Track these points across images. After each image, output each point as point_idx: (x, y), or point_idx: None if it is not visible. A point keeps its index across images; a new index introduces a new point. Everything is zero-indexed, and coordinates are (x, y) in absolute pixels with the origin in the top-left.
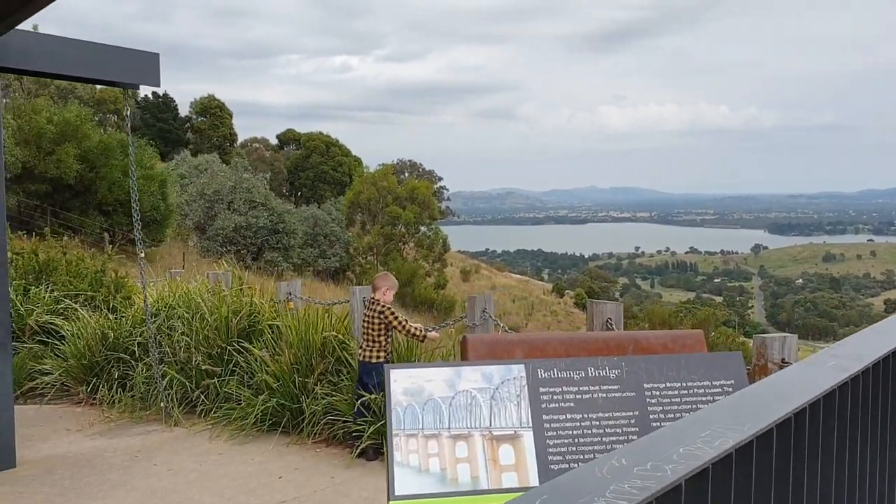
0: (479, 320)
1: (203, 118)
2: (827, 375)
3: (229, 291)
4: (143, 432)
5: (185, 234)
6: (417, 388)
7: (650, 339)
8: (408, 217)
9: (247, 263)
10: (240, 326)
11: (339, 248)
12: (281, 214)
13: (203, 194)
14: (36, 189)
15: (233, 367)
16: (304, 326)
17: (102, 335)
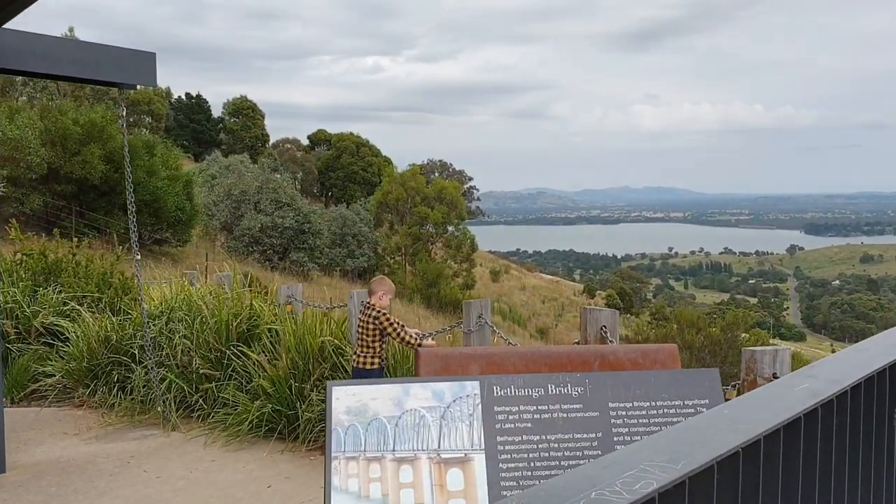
0: (475, 326)
1: (235, 119)
2: (794, 400)
3: (230, 294)
4: (139, 437)
5: (212, 234)
6: (361, 407)
7: (618, 354)
8: (436, 217)
9: (273, 263)
10: (239, 330)
11: (367, 249)
12: (307, 215)
13: (230, 194)
14: (62, 189)
15: (231, 372)
16: (302, 331)
17: (105, 337)
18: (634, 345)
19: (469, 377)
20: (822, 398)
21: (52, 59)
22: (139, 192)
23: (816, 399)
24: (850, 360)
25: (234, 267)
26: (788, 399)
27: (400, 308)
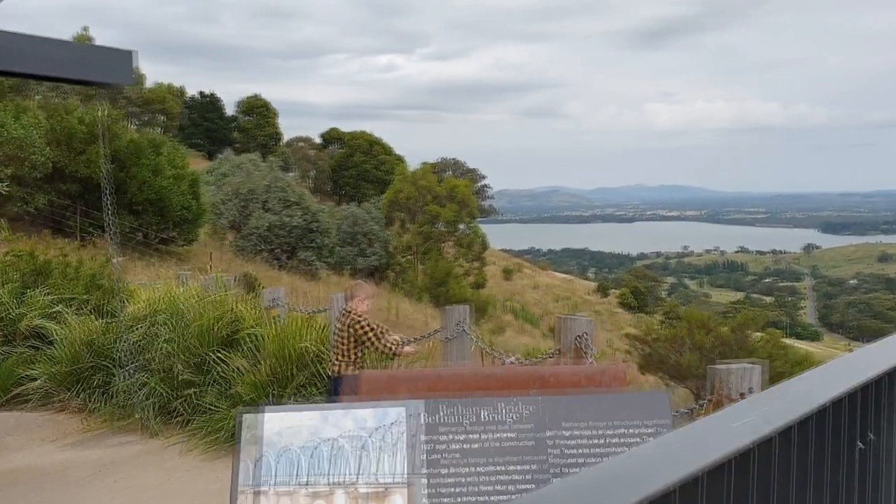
0: (454, 333)
1: (248, 117)
2: (736, 434)
3: (213, 297)
4: (117, 444)
5: (221, 233)
6: (273, 436)
7: (562, 375)
8: (447, 216)
9: (281, 262)
10: (221, 334)
11: (378, 247)
12: (315, 213)
13: (238, 193)
14: (67, 188)
15: (213, 377)
16: (283, 336)
17: (89, 341)
18: (581, 366)
19: (394, 402)
20: (760, 436)
21: (23, 58)
22: (144, 192)
23: (771, 427)
24: (820, 379)
25: (226, 267)
26: (727, 433)
27: (408, 307)
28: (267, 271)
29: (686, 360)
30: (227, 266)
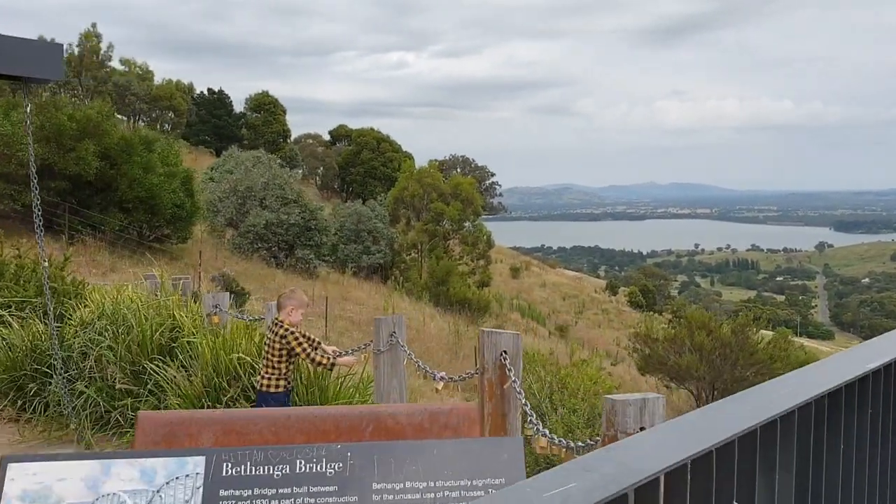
0: (386, 345)
1: (257, 114)
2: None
3: (153, 302)
4: None
5: (219, 230)
6: (43, 491)
7: (399, 417)
8: (451, 213)
9: (279, 261)
10: (159, 342)
11: (383, 245)
12: (313, 211)
13: (236, 190)
14: (56, 186)
15: (151, 387)
16: (219, 345)
17: (32, 346)
18: (422, 405)
19: (193, 450)
20: (641, 479)
21: None
22: (135, 189)
23: (628, 481)
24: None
25: (220, 265)
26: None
27: (407, 306)
28: (262, 269)
29: (685, 362)
30: (223, 264)
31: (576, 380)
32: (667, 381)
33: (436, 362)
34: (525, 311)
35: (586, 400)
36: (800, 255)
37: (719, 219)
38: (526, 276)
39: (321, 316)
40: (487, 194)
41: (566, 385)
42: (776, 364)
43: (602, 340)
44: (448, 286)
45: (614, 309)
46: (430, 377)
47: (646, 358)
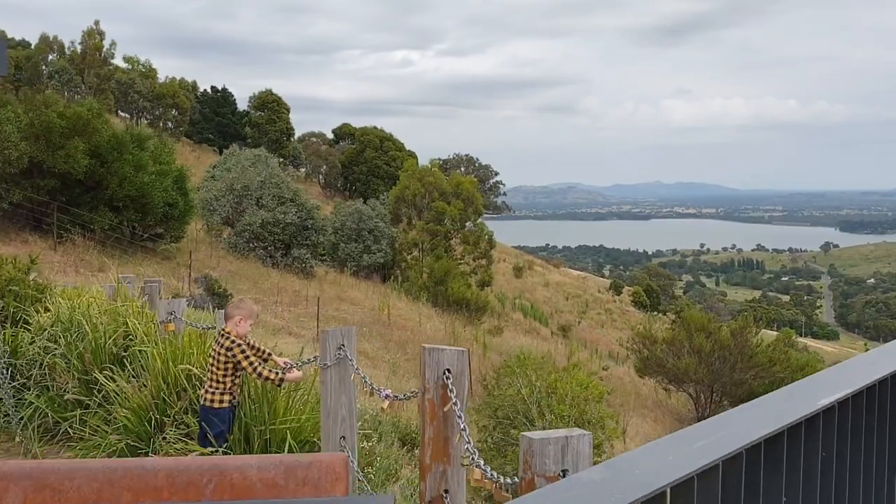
0: (334, 360)
1: (261, 112)
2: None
3: (111, 308)
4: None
5: (216, 229)
6: None
7: (248, 470)
8: (452, 213)
9: (275, 260)
10: (111, 351)
11: (384, 244)
12: (310, 210)
13: (232, 189)
14: (45, 184)
15: (101, 398)
16: (168, 355)
17: None
18: (277, 456)
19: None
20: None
21: None
22: (125, 188)
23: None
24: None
25: (215, 265)
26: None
27: (404, 306)
28: (257, 269)
29: (684, 365)
30: (217, 263)
31: (566, 385)
32: (665, 384)
33: None
34: (527, 311)
35: (575, 406)
36: (805, 255)
37: (725, 218)
38: (529, 275)
39: (313, 317)
40: (491, 193)
41: (556, 390)
42: (775, 367)
43: (605, 341)
44: (446, 286)
45: (618, 309)
46: (377, 394)
47: (644, 360)
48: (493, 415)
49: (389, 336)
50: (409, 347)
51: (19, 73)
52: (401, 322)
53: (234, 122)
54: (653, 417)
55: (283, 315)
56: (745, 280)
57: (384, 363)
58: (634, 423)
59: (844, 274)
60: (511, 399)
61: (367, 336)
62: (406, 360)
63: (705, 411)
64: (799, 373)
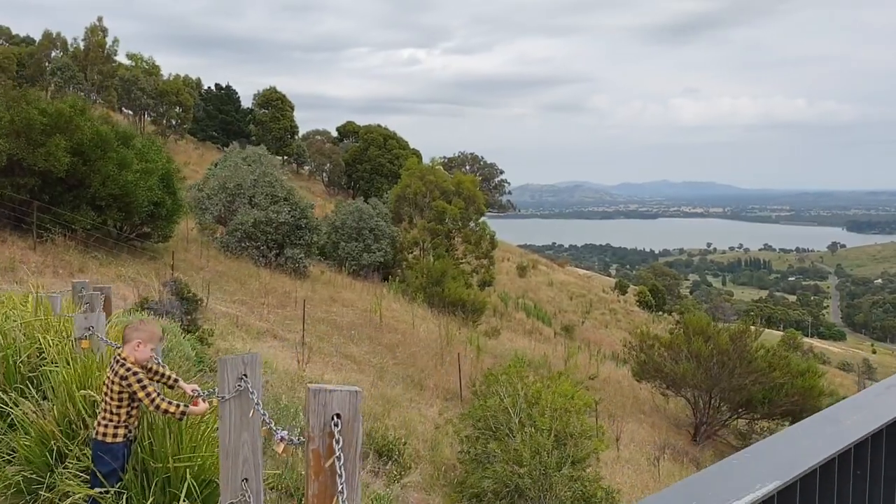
0: (234, 391)
1: (264, 110)
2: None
3: (37, 321)
4: None
5: (211, 228)
6: None
7: None
8: (453, 212)
9: (268, 260)
10: (21, 371)
11: (384, 243)
12: (304, 209)
13: (224, 188)
14: (25, 183)
15: (10, 421)
16: (73, 377)
17: None
18: None
19: None
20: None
21: None
22: (108, 186)
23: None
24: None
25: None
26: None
27: (399, 308)
28: (248, 269)
29: (682, 369)
30: (206, 263)
31: (549, 395)
32: (663, 388)
33: (419, 368)
34: (531, 311)
35: (557, 419)
36: (812, 255)
37: (732, 218)
38: (533, 274)
39: (298, 319)
40: (496, 192)
41: (538, 401)
42: (775, 372)
43: (608, 341)
44: (443, 287)
45: (622, 309)
46: (274, 435)
47: (642, 364)
48: (475, 425)
49: (380, 339)
50: (399, 350)
51: (22, 70)
52: (393, 324)
53: (237, 120)
54: (650, 423)
55: (268, 317)
56: (752, 280)
57: (371, 367)
58: (630, 429)
59: (851, 274)
60: (493, 409)
61: (356, 339)
62: (395, 364)
63: (703, 417)
64: (799, 378)
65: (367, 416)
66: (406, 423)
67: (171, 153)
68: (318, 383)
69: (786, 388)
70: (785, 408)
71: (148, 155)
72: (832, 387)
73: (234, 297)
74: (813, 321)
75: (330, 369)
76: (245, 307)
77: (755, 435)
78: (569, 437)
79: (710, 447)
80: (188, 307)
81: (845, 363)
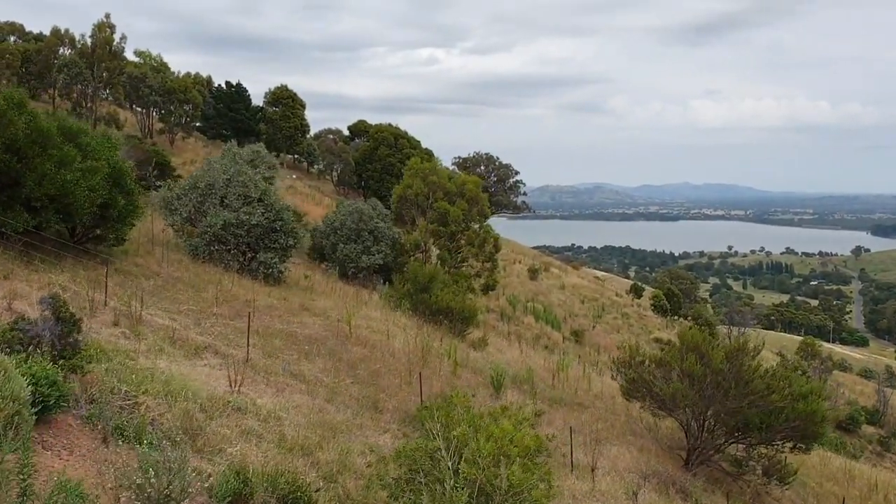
0: None
1: (275, 108)
2: None
3: None
4: None
5: (187, 230)
6: None
7: None
8: (455, 214)
9: (241, 264)
10: None
11: (384, 245)
12: (279, 211)
13: (195, 187)
14: None
15: None
16: None
17: None
18: None
19: None
20: None
21: None
22: (44, 186)
23: None
24: None
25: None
26: None
27: (378, 317)
28: (212, 275)
29: (672, 390)
30: (165, 268)
31: (480, 439)
32: (654, 409)
33: (382, 387)
34: (540, 315)
35: (485, 468)
36: (836, 259)
37: (754, 221)
38: (545, 277)
39: (255, 332)
40: (511, 193)
41: (468, 443)
42: (773, 396)
43: (607, 344)
44: (430, 294)
45: (635, 313)
46: None
47: (631, 381)
48: (410, 466)
49: (343, 354)
50: (362, 367)
51: (29, 66)
52: (366, 335)
53: (248, 118)
54: (640, 446)
55: (212, 330)
56: (774, 284)
57: (323, 388)
58: (614, 454)
59: (876, 279)
60: (421, 451)
61: (313, 354)
62: (353, 383)
63: (696, 441)
64: (800, 402)
65: (294, 449)
66: (343, 455)
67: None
68: (248, 408)
69: (786, 413)
70: (784, 433)
71: (98, 152)
72: (852, 395)
73: (182, 307)
74: (835, 326)
75: (270, 391)
76: (191, 319)
77: (752, 462)
78: (496, 490)
79: (704, 474)
80: (64, 329)
81: (867, 370)
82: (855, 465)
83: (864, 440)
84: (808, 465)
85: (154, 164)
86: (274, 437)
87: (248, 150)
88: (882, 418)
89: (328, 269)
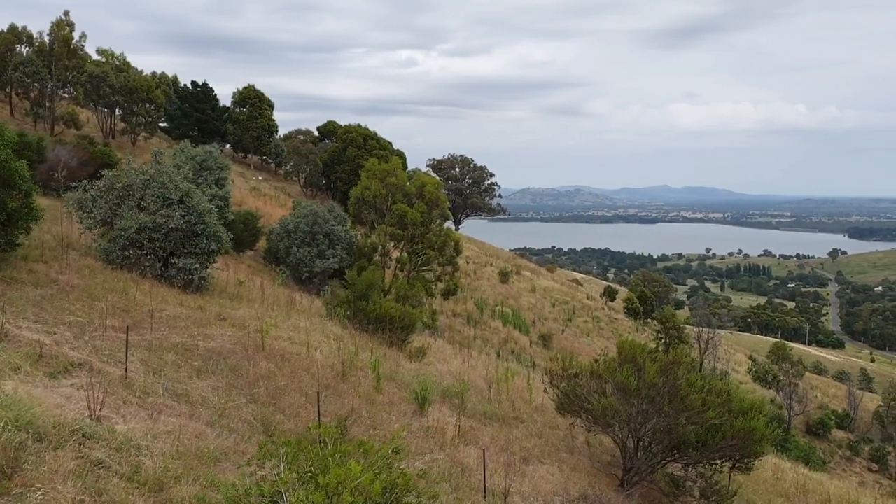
0: None
1: (242, 109)
2: None
3: None
4: None
5: (106, 234)
6: None
7: None
8: (414, 216)
9: (157, 271)
10: None
11: (339, 249)
12: (201, 215)
13: (112, 188)
14: None
15: None
16: None
17: None
18: None
19: None
20: None
21: None
22: None
23: None
24: None
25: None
26: None
27: (307, 326)
28: (118, 283)
29: (603, 405)
30: (64, 275)
31: (312, 486)
32: (590, 424)
33: (283, 407)
34: (508, 319)
35: None
36: (813, 261)
37: (732, 223)
38: (516, 280)
39: (147, 347)
40: (486, 195)
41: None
42: (709, 412)
43: (588, 350)
44: (368, 301)
45: (606, 317)
46: None
47: (565, 394)
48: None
49: (246, 370)
50: (265, 384)
51: None
52: (282, 348)
53: (214, 118)
54: (572, 465)
55: (94, 344)
56: (751, 286)
57: (208, 409)
58: (539, 476)
59: (852, 281)
60: (268, 490)
61: (209, 371)
62: (247, 403)
63: (632, 461)
64: (739, 419)
65: (147, 484)
66: (204, 491)
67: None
68: (101, 436)
69: (723, 430)
70: (723, 452)
71: None
72: (825, 399)
73: (69, 318)
74: (811, 329)
75: (143, 415)
76: (74, 332)
77: (689, 482)
78: None
79: (639, 495)
80: None
81: (841, 373)
82: (811, 476)
83: (835, 445)
84: (760, 479)
85: (99, 165)
86: (126, 471)
87: (200, 150)
88: (852, 423)
89: (278, 273)
